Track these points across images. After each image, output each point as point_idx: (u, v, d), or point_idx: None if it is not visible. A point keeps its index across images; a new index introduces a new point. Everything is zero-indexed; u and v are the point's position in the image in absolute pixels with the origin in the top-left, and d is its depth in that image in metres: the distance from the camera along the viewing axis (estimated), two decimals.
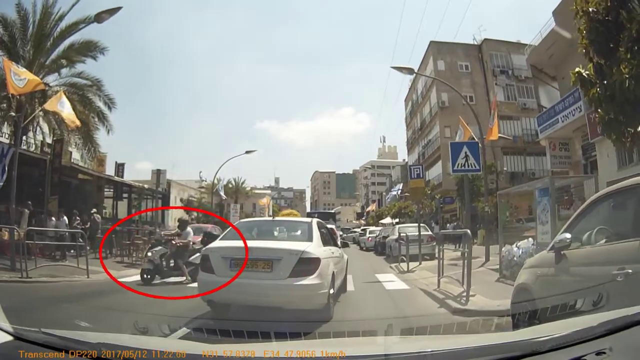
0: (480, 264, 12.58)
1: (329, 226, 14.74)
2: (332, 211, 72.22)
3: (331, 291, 6.10)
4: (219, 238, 7.24)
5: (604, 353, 1.64)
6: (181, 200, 49.29)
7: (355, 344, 2.74)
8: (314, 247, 6.23)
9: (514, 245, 9.90)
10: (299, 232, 6.96)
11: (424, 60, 42.46)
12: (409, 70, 16.75)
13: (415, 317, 6.09)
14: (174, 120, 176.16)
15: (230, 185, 64.51)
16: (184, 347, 2.34)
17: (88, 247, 14.44)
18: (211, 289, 5.81)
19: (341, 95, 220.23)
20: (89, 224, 16.24)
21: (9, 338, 1.90)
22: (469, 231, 7.98)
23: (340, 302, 7.00)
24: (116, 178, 26.08)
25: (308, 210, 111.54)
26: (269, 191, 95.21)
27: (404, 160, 64.01)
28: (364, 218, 74.15)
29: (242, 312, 6.04)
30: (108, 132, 20.74)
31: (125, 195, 25.79)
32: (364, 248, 29.09)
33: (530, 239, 9.75)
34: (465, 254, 8.00)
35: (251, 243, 6.18)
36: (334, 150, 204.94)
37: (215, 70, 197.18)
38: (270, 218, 8.84)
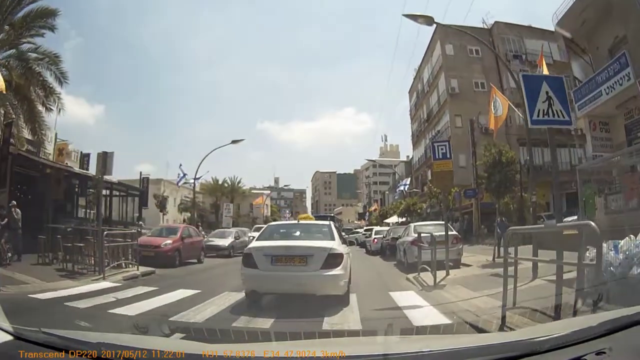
0: (530, 276, 9.81)
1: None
2: (332, 214, 74.14)
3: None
4: (257, 238, 9.54)
5: (604, 353, 1.91)
6: (154, 196, 49.15)
7: (355, 344, 3.07)
8: (338, 245, 8.61)
9: (608, 247, 6.95)
10: (322, 233, 9.36)
11: (430, 46, 43.47)
12: (427, 20, 14.21)
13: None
14: (174, 121, 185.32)
15: (226, 185, 66.93)
16: (184, 347, 2.65)
17: (9, 252, 13.39)
18: (256, 281, 8.14)
19: (342, 95, 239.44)
20: (6, 220, 14.50)
21: (9, 338, 2.21)
22: (593, 224, 5.48)
23: None
24: (76, 169, 25.66)
25: (309, 211, 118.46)
26: (268, 191, 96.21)
27: (407, 156, 64.69)
28: (366, 218, 77.25)
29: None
30: (59, 111, 21.51)
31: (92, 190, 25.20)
32: (370, 251, 28.17)
33: (631, 236, 7.02)
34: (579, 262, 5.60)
35: (287, 242, 8.59)
36: (335, 150, 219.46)
37: (215, 70, 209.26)
38: (296, 221, 12.04)
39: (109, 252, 13.42)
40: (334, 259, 7.99)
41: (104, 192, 22.62)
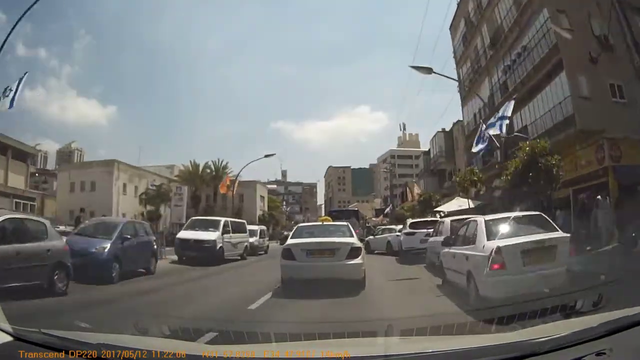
0: None
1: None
2: (355, 208, 57.77)
3: None
4: (291, 236, 11.79)
5: (604, 354, 1.97)
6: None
7: (355, 345, 3.11)
8: (356, 240, 11.23)
9: None
10: (342, 231, 11.76)
11: None
12: None
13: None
14: (186, 120, 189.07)
15: (209, 170, 56.54)
16: (184, 347, 2.73)
17: None
18: (294, 270, 10.26)
19: (357, 93, 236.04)
20: None
21: (9, 338, 2.32)
22: None
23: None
24: None
25: (323, 209, 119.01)
26: (274, 185, 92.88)
27: (443, 129, 45.27)
28: (387, 212, 65.18)
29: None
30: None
31: None
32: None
33: None
34: None
35: (318, 239, 10.99)
36: (349, 149, 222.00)
37: (228, 69, 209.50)
38: (321, 223, 14.40)
39: None
40: (355, 251, 10.42)
41: None
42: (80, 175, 44.35)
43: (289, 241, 11.30)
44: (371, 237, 27.46)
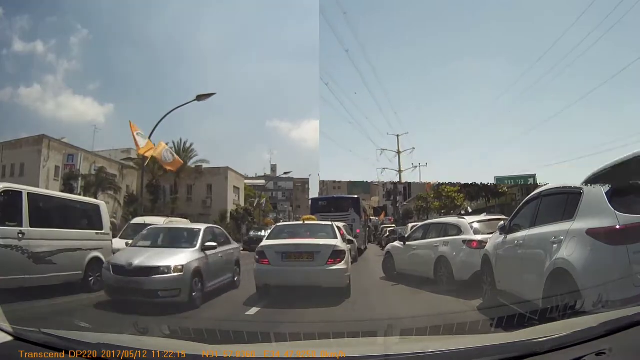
0: None
1: (341, 224, 17.00)
2: (355, 196, 39.07)
3: None
4: (266, 237, 10.91)
5: (604, 354, 2.01)
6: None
7: (355, 345, 3.14)
8: (341, 242, 10.24)
9: None
10: (325, 232, 10.88)
11: None
12: None
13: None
14: (182, 118, 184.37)
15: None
16: (184, 347, 2.76)
17: None
18: (268, 275, 9.45)
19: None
20: None
21: (9, 338, 2.37)
22: None
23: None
24: None
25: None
26: (262, 181, 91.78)
27: None
28: (399, 199, 62.52)
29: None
30: None
31: None
32: None
33: None
34: None
35: (296, 241, 10.04)
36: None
37: (223, 66, 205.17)
38: (301, 222, 13.21)
39: None
40: (337, 255, 9.51)
41: None
42: (12, 157, 38.31)
43: (264, 242, 10.43)
44: (397, 244, 14.42)
